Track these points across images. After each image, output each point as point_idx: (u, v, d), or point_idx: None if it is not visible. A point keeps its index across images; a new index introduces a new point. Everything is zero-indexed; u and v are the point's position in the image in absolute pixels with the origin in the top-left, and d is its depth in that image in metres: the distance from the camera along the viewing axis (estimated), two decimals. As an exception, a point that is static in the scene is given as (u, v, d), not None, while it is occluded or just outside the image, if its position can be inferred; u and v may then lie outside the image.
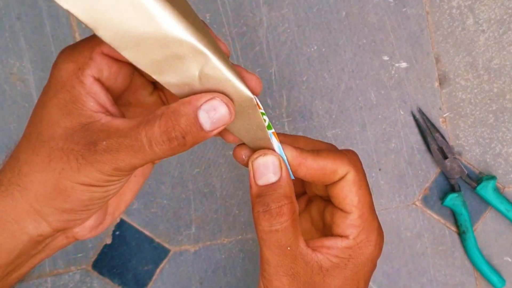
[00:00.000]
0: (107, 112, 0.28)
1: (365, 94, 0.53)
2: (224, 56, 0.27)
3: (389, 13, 0.52)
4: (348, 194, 0.31)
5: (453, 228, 0.54)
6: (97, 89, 0.28)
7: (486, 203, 0.53)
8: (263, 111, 0.28)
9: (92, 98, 0.27)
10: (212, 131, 0.26)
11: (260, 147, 0.30)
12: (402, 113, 0.53)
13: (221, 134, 0.30)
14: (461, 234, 0.53)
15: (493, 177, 0.52)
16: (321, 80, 0.53)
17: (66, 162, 0.27)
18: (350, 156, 0.32)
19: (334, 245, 0.32)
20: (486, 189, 0.51)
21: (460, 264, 0.54)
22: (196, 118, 0.26)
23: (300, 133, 0.53)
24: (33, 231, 0.28)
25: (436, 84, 0.53)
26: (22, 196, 0.28)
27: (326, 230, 0.34)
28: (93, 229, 0.31)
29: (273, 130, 0.29)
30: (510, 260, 0.54)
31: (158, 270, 0.54)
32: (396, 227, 0.54)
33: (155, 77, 0.26)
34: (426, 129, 0.51)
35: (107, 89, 0.29)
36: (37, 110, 0.28)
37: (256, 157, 0.30)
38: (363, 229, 0.32)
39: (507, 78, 0.53)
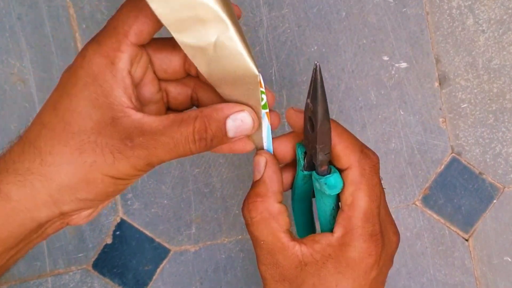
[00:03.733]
0: (136, 108, 0.29)
1: (365, 94, 0.53)
2: (241, 31, 0.29)
3: (389, 13, 0.52)
4: (344, 190, 0.31)
5: (453, 228, 0.54)
6: (128, 83, 0.28)
7: (486, 203, 0.53)
8: (263, 90, 0.29)
9: (123, 92, 0.28)
10: (233, 138, 0.29)
11: None
12: (402, 113, 0.53)
13: (239, 145, 0.32)
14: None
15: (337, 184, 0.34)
16: (321, 80, 0.53)
17: (100, 155, 0.27)
18: (366, 155, 0.32)
19: (319, 240, 0.32)
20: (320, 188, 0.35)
21: (460, 264, 0.54)
22: (224, 124, 0.29)
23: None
24: (44, 219, 0.29)
25: (436, 84, 0.53)
26: (44, 186, 0.28)
27: None
28: (88, 217, 0.32)
29: (267, 111, 0.31)
30: (510, 260, 0.54)
31: (158, 270, 0.54)
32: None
33: (175, 34, 0.27)
34: (318, 88, 0.33)
35: (134, 82, 0.29)
36: (63, 100, 0.28)
37: (255, 154, 0.33)
38: (348, 232, 0.31)
39: (507, 78, 0.53)
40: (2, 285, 0.54)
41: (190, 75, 0.32)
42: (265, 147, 0.32)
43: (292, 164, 0.35)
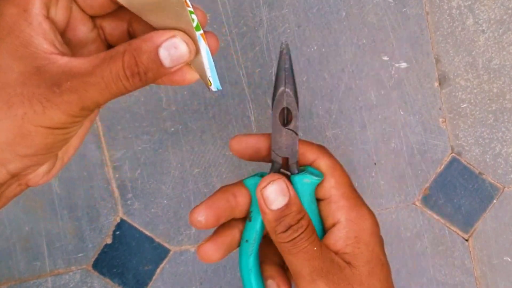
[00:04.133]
0: (60, 52, 0.27)
1: (365, 94, 0.53)
2: None
3: (389, 13, 0.52)
4: (326, 178, 0.33)
5: (453, 228, 0.54)
6: (47, 28, 0.27)
7: (486, 203, 0.53)
8: (191, 9, 0.27)
9: (44, 39, 0.27)
10: (171, 67, 0.27)
11: None
12: (402, 113, 0.53)
13: (177, 75, 0.30)
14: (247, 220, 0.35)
15: (318, 175, 0.34)
16: (321, 80, 0.53)
17: (29, 106, 0.26)
18: (320, 147, 0.34)
19: (337, 238, 0.33)
20: (301, 183, 0.34)
21: (460, 264, 0.54)
22: (157, 55, 0.26)
23: (300, 133, 0.53)
24: None
25: (436, 84, 0.53)
26: None
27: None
28: (45, 175, 0.31)
29: (201, 32, 0.28)
30: (510, 260, 0.54)
31: (158, 270, 0.54)
32: (396, 227, 0.54)
33: None
34: (282, 73, 0.31)
35: (57, 25, 0.28)
36: None
37: (265, 186, 0.31)
38: (350, 207, 0.33)
39: (507, 78, 0.53)
40: (2, 285, 0.54)
41: (123, 7, 0.31)
42: (208, 74, 0.29)
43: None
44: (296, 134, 0.32)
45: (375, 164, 0.53)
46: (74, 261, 0.54)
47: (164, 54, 0.27)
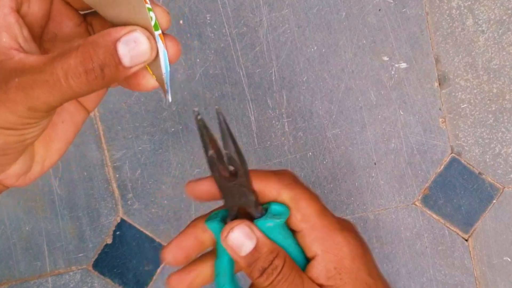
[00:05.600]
0: (21, 49, 0.25)
1: (365, 94, 0.53)
2: None
3: (389, 14, 0.53)
4: (292, 213, 0.31)
5: (453, 228, 0.54)
6: (11, 22, 0.25)
7: (485, 203, 0.53)
8: (149, 6, 0.25)
9: (6, 32, 0.25)
10: (131, 67, 0.25)
11: None
12: (402, 113, 0.53)
13: (134, 78, 0.27)
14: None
15: (283, 212, 0.33)
16: (321, 80, 0.53)
17: None
18: (279, 176, 0.32)
19: (318, 271, 0.31)
20: (266, 227, 0.32)
21: (460, 264, 0.54)
22: (115, 49, 0.24)
23: (300, 133, 0.53)
24: None
25: (436, 84, 0.53)
26: None
27: None
28: (21, 177, 0.29)
29: (159, 32, 0.25)
30: (509, 260, 0.54)
31: (158, 270, 0.54)
32: (396, 227, 0.54)
33: None
34: (205, 141, 0.31)
35: (24, 20, 0.26)
36: None
37: (226, 235, 0.30)
38: (324, 238, 0.31)
39: (507, 78, 0.53)
40: (2, 285, 0.54)
41: None
42: (165, 81, 0.26)
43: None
44: (246, 185, 0.31)
45: (375, 164, 0.53)
46: (75, 261, 0.54)
47: (123, 50, 0.24)
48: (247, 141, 0.53)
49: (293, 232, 0.33)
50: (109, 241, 0.54)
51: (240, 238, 0.30)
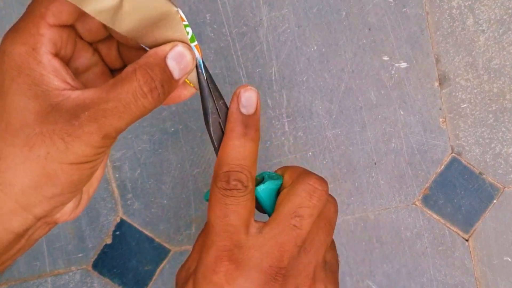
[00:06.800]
0: (72, 87, 0.27)
1: (365, 94, 0.53)
2: None
3: (389, 13, 0.52)
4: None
5: (453, 228, 0.54)
6: (57, 66, 0.27)
7: (486, 203, 0.53)
8: (186, 23, 0.28)
9: (55, 76, 0.27)
10: (180, 79, 0.28)
11: None
12: (402, 113, 0.53)
13: (179, 90, 0.30)
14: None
15: (277, 178, 0.34)
16: (321, 80, 0.53)
17: (51, 145, 0.26)
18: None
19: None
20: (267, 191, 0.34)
21: (460, 264, 0.54)
22: (166, 66, 0.27)
23: (300, 133, 0.53)
24: (19, 228, 0.27)
25: (436, 84, 0.53)
26: (6, 194, 0.26)
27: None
28: (73, 212, 0.30)
29: (196, 43, 0.29)
30: (510, 260, 0.54)
31: (158, 270, 0.54)
32: (396, 227, 0.54)
33: (80, 5, 0.25)
34: (207, 90, 0.31)
35: (64, 62, 0.28)
36: None
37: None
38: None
39: (507, 78, 0.53)
40: (2, 285, 0.54)
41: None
42: (204, 84, 0.30)
43: None
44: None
45: (375, 164, 0.53)
46: (74, 261, 0.54)
47: (172, 64, 0.27)
48: (247, 141, 0.53)
49: None
50: (109, 241, 0.54)
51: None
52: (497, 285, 0.54)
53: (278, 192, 0.33)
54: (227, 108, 0.31)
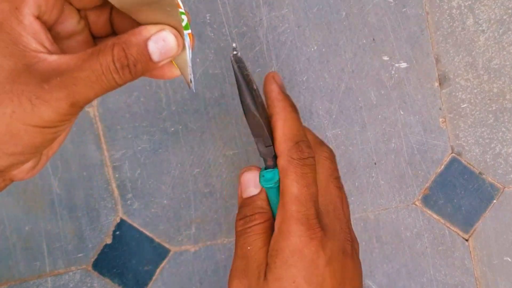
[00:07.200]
0: (49, 51, 0.27)
1: (365, 94, 0.53)
2: None
3: (389, 13, 0.52)
4: (279, 180, 0.33)
5: (453, 228, 0.54)
6: (37, 28, 0.27)
7: (486, 203, 0.53)
8: (183, 11, 0.28)
9: (34, 38, 0.27)
10: (159, 61, 0.28)
11: None
12: (402, 113, 0.53)
13: (163, 70, 0.30)
14: None
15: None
16: (321, 80, 0.53)
17: (18, 104, 0.26)
18: (298, 146, 0.33)
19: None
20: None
21: (460, 264, 0.54)
22: (146, 48, 0.27)
23: (300, 133, 0.53)
24: None
25: (436, 84, 0.53)
26: None
27: None
28: (30, 171, 0.31)
29: (189, 31, 0.29)
30: (510, 260, 0.54)
31: (158, 270, 0.54)
32: (396, 227, 0.54)
33: None
34: (242, 79, 0.33)
35: (47, 26, 0.28)
36: None
37: (243, 172, 0.33)
38: (285, 220, 0.32)
39: (507, 78, 0.53)
40: (2, 285, 0.54)
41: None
42: (189, 73, 0.30)
43: None
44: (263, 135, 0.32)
45: (375, 164, 0.53)
46: (74, 261, 0.54)
47: (153, 47, 0.27)
48: (247, 141, 0.53)
49: None
50: (109, 241, 0.54)
51: (249, 181, 0.33)
52: (497, 285, 0.54)
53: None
54: (258, 92, 0.32)
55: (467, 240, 0.54)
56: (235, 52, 0.30)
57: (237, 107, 0.53)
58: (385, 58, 0.53)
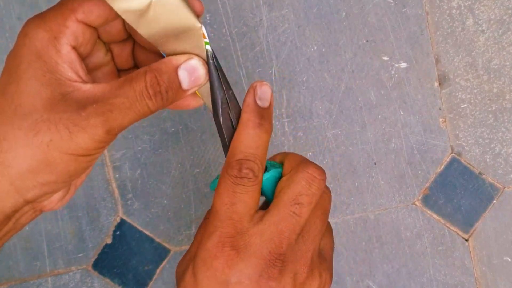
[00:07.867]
0: (83, 81, 0.28)
1: (365, 94, 0.53)
2: None
3: (389, 13, 0.52)
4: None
5: (453, 228, 0.54)
6: (73, 58, 0.28)
7: (486, 203, 0.53)
8: (207, 41, 0.30)
9: (70, 67, 0.27)
10: (189, 89, 0.29)
11: None
12: (402, 113, 0.53)
13: (188, 100, 0.32)
14: None
15: (279, 166, 0.35)
16: (321, 80, 0.53)
17: (55, 133, 0.26)
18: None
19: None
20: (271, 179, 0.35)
21: (460, 264, 0.54)
22: (176, 75, 0.28)
23: (300, 133, 0.53)
24: (9, 209, 0.28)
25: (436, 84, 0.53)
26: (3, 175, 0.27)
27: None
28: (59, 201, 0.31)
29: (212, 62, 0.31)
30: (510, 260, 0.54)
31: (158, 270, 0.54)
32: (396, 227, 0.54)
33: (109, 2, 0.27)
34: (217, 80, 0.32)
35: (81, 57, 0.29)
36: (10, 83, 0.27)
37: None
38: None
39: (507, 78, 0.53)
40: (2, 285, 0.54)
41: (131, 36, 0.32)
42: (215, 75, 0.32)
43: None
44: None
45: (375, 164, 0.53)
46: (74, 261, 0.54)
47: (183, 75, 0.28)
48: (247, 141, 0.53)
49: None
50: (109, 241, 0.54)
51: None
52: (497, 285, 0.54)
53: (278, 179, 0.33)
54: (236, 99, 0.32)
55: (467, 240, 0.54)
56: (209, 48, 0.31)
57: (237, 107, 0.53)
58: (385, 58, 0.53)
